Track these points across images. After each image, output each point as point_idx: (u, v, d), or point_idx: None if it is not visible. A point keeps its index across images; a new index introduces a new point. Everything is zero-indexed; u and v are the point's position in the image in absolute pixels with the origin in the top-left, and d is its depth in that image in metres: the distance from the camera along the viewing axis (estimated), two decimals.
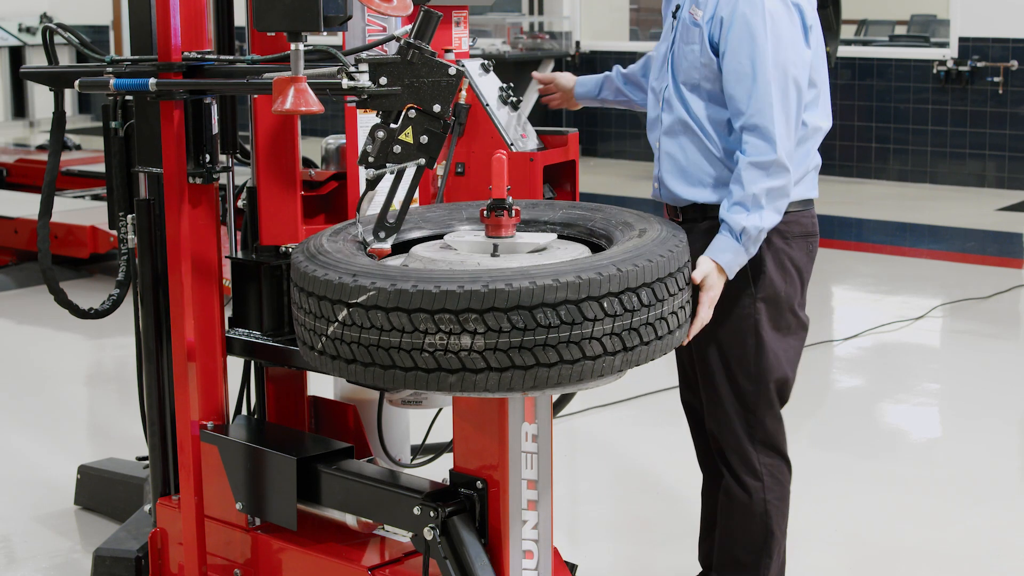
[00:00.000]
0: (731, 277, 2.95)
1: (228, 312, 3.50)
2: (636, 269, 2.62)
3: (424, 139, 2.82)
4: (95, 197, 8.45)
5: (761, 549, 3.22)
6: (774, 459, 3.22)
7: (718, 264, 2.92)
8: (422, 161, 2.84)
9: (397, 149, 2.83)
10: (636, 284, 2.61)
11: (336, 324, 2.63)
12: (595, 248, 2.97)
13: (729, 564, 3.28)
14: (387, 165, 2.84)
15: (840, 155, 11.70)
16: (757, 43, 2.95)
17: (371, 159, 2.84)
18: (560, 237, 3.06)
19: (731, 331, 3.13)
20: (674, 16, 3.18)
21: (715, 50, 3.03)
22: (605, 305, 2.56)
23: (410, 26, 2.84)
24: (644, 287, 2.63)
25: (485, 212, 2.90)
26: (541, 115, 9.34)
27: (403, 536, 3.18)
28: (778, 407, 3.23)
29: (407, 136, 2.82)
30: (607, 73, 3.60)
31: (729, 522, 3.27)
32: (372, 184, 2.87)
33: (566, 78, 3.61)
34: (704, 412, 3.28)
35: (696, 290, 2.88)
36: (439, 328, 2.53)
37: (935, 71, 11.10)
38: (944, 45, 11.49)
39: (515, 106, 3.57)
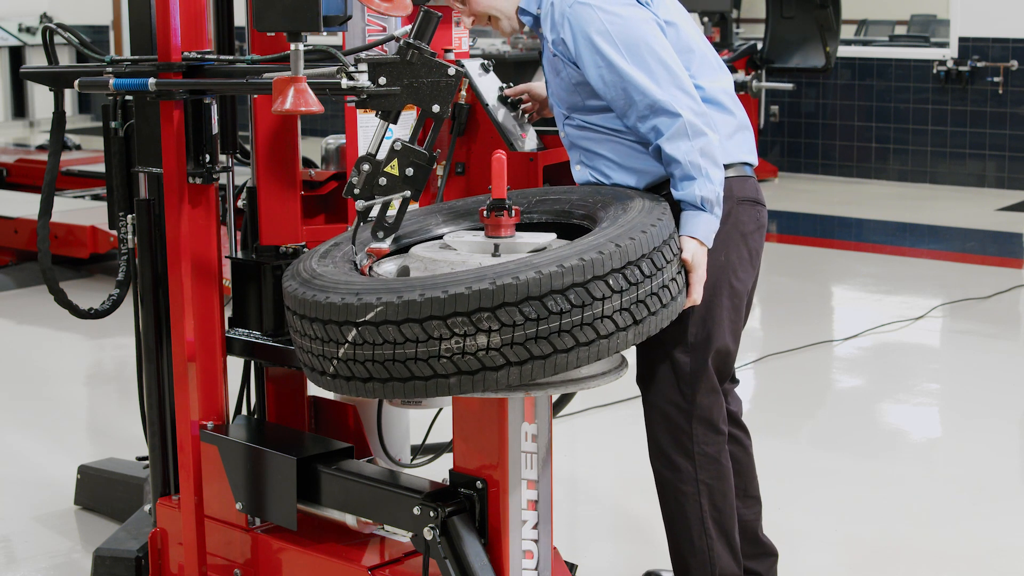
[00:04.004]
0: (710, 245, 2.96)
1: (228, 312, 3.50)
2: (633, 242, 2.65)
3: (409, 172, 2.83)
4: (95, 197, 8.44)
5: (701, 531, 3.18)
6: (710, 436, 3.16)
7: (698, 239, 2.92)
8: (407, 194, 2.85)
9: (383, 181, 2.83)
10: (636, 257, 2.65)
11: (347, 345, 2.63)
12: (582, 230, 2.99)
13: (676, 553, 3.24)
14: (374, 196, 2.85)
15: (840, 155, 11.71)
16: (600, 47, 2.99)
17: (357, 191, 2.84)
18: (545, 224, 3.07)
19: None
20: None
21: (578, 65, 3.07)
22: (611, 282, 2.60)
23: (410, 26, 2.84)
24: (644, 258, 2.67)
25: (485, 212, 2.91)
26: None
27: (403, 536, 3.18)
28: (715, 380, 3.16)
29: (392, 169, 2.83)
30: None
31: (666, 509, 3.23)
32: (363, 215, 2.88)
33: (540, 87, 3.62)
34: (639, 388, 3.23)
35: (686, 270, 2.89)
36: (453, 332, 2.53)
37: (935, 71, 11.10)
38: (944, 45, 11.49)
39: (515, 106, 3.57)
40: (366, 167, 2.83)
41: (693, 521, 3.17)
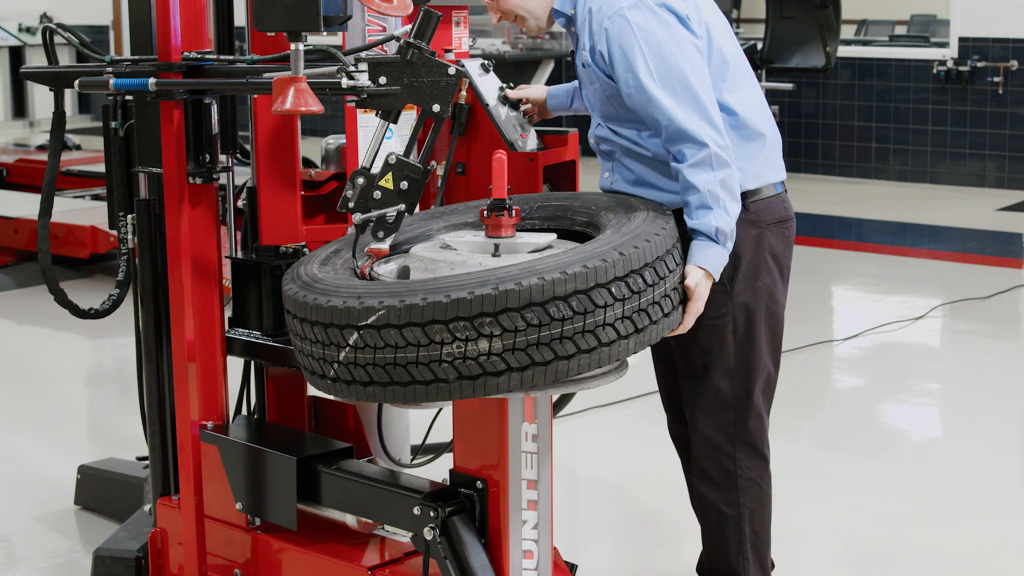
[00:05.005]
0: (717, 278, 2.94)
1: (228, 312, 3.50)
2: (637, 251, 2.65)
3: (404, 185, 2.83)
4: (95, 197, 8.44)
5: (739, 553, 3.20)
6: (753, 460, 3.18)
7: (705, 270, 2.90)
8: (402, 207, 2.84)
9: (377, 195, 2.83)
10: (639, 266, 2.64)
11: (348, 349, 2.62)
12: (583, 236, 2.98)
13: (710, 571, 3.28)
14: (369, 210, 2.84)
15: (840, 155, 11.71)
16: (637, 67, 2.95)
17: (351, 204, 2.84)
18: (546, 229, 3.07)
19: (709, 327, 3.08)
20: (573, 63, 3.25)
21: (612, 78, 3.04)
22: (613, 290, 2.59)
23: (410, 26, 2.84)
24: (647, 267, 2.66)
25: (485, 212, 2.91)
26: None
27: (403, 536, 3.18)
28: (761, 405, 3.18)
29: (387, 182, 2.83)
30: (575, 83, 3.60)
31: (707, 530, 3.26)
32: (361, 228, 2.88)
33: (538, 91, 3.61)
34: (685, 414, 3.25)
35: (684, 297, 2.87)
36: (455, 337, 2.53)
37: (935, 71, 11.10)
38: (944, 45, 11.49)
39: (515, 106, 3.57)
40: (361, 180, 2.83)
41: (732, 543, 3.19)
